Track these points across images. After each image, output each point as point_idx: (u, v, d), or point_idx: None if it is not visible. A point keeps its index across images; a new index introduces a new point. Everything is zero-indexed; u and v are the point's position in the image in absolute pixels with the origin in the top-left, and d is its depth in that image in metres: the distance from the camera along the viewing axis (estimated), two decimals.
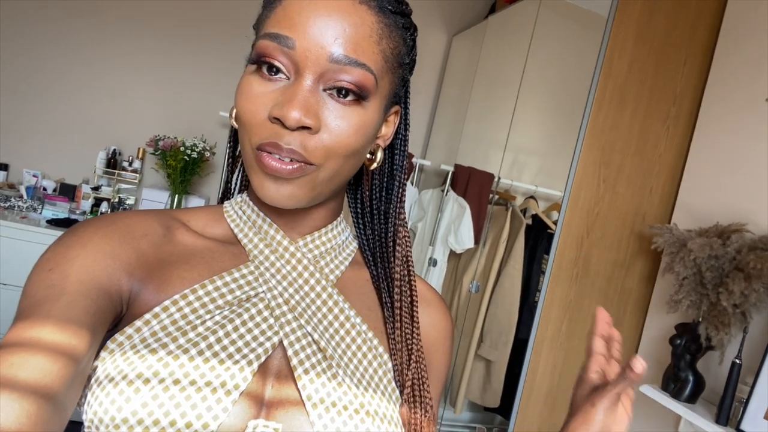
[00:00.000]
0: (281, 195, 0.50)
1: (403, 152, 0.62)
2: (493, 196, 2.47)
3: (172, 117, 2.97)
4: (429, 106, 3.34)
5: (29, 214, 2.69)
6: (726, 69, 1.84)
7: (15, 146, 2.82)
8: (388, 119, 0.58)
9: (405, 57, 0.54)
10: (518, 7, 2.56)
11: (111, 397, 0.44)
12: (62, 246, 0.48)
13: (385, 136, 0.59)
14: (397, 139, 0.62)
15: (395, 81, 0.54)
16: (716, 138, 1.83)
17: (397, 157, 0.62)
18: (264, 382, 0.49)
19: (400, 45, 0.53)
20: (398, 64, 0.53)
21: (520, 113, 2.36)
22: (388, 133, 0.59)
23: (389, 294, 0.61)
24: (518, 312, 2.22)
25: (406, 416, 0.55)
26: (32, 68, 2.79)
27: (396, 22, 0.52)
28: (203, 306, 0.50)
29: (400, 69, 0.54)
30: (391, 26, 0.51)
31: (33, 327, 0.42)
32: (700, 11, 1.92)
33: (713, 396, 1.60)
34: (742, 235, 1.54)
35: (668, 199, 1.99)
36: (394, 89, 0.55)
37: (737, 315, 1.49)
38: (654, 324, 1.93)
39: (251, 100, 0.49)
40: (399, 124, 0.61)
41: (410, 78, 0.59)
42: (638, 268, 2.01)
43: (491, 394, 2.29)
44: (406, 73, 0.57)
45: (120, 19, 2.87)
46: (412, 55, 0.56)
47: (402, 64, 0.54)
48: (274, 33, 0.48)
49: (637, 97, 1.90)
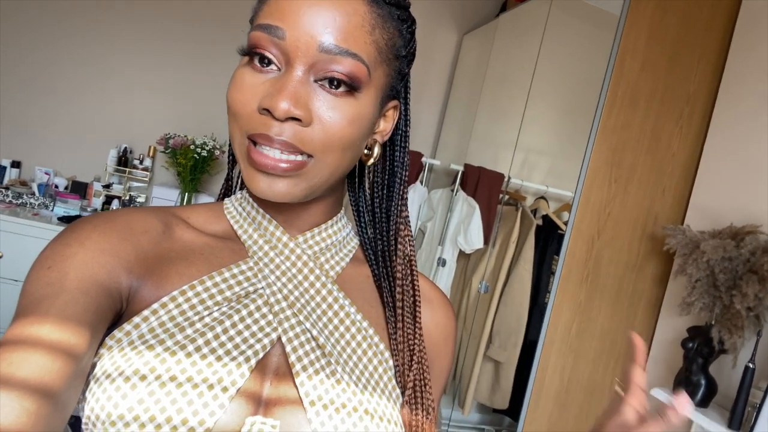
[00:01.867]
0: (272, 191, 0.49)
1: (403, 148, 0.61)
2: (503, 196, 2.45)
3: (183, 115, 2.99)
4: (439, 105, 3.33)
5: (41, 211, 2.71)
6: (741, 68, 1.81)
7: (28, 144, 2.85)
8: (386, 114, 0.57)
9: (401, 49, 0.53)
10: (529, 6, 2.54)
11: (108, 393, 0.43)
12: (61, 243, 0.48)
13: (383, 131, 0.58)
14: (397, 135, 0.61)
15: (390, 73, 0.53)
16: (731, 138, 1.80)
17: (397, 153, 0.61)
18: (262, 379, 0.49)
19: (395, 36, 0.52)
20: (393, 55, 0.52)
21: (531, 112, 2.34)
22: (386, 128, 0.58)
23: (391, 293, 0.60)
24: (528, 313, 2.21)
25: (407, 418, 0.54)
26: (45, 67, 2.82)
27: (391, 12, 0.51)
28: (201, 302, 0.50)
29: (396, 61, 0.53)
30: (385, 17, 0.50)
31: (32, 325, 0.41)
32: (714, 10, 1.89)
33: (726, 401, 1.57)
34: (756, 236, 1.51)
35: (681, 200, 1.96)
36: (390, 82, 0.54)
37: (751, 318, 1.46)
38: (666, 327, 1.90)
39: (242, 90, 0.48)
40: (398, 119, 0.60)
41: (409, 72, 0.58)
42: (650, 269, 1.98)
43: (500, 395, 2.27)
44: (404, 67, 0.56)
45: (132, 18, 2.89)
46: (410, 48, 0.55)
47: (398, 57, 0.53)
48: (265, 24, 0.48)
49: (650, 96, 1.87)
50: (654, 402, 1.66)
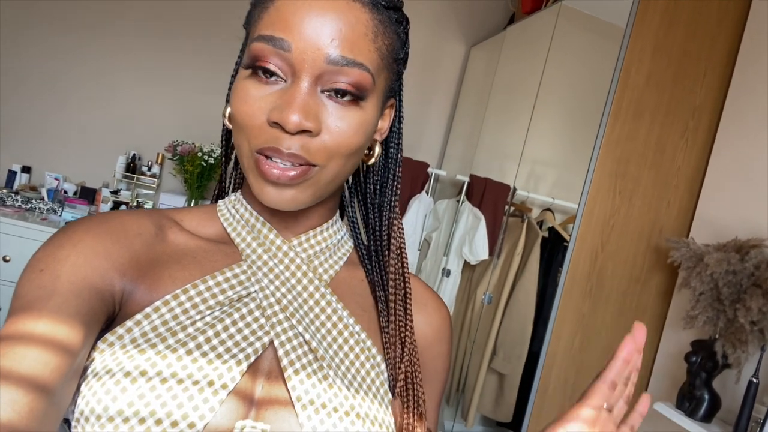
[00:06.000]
0: (282, 199, 0.50)
1: (397, 145, 0.62)
2: (508, 207, 2.45)
3: (191, 123, 3.01)
4: (446, 116, 3.34)
5: (49, 216, 2.74)
6: (747, 82, 1.81)
7: (38, 149, 2.89)
8: (384, 113, 0.58)
9: (399, 52, 0.54)
10: (537, 18, 2.55)
11: (106, 387, 0.43)
12: (53, 246, 0.48)
13: (381, 130, 0.58)
14: (391, 132, 0.61)
15: (391, 77, 0.54)
16: (736, 151, 1.79)
17: (391, 149, 0.62)
18: (254, 382, 0.49)
19: (395, 40, 0.52)
20: (393, 59, 0.53)
21: (537, 124, 2.34)
22: (384, 126, 0.58)
23: (384, 288, 0.60)
24: (533, 325, 2.19)
25: (398, 410, 0.54)
26: (56, 74, 2.86)
27: (390, 17, 0.51)
28: (194, 306, 0.50)
29: (395, 64, 0.54)
30: (386, 22, 0.51)
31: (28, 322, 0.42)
32: (720, 23, 1.89)
33: (729, 416, 1.55)
34: (761, 250, 1.50)
35: (686, 213, 1.95)
36: (389, 85, 0.55)
37: (755, 332, 1.45)
38: (670, 340, 1.89)
39: (248, 103, 0.48)
40: (393, 117, 0.60)
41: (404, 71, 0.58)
42: (654, 282, 1.97)
43: (504, 408, 2.25)
44: (401, 67, 0.56)
45: (142, 27, 2.93)
46: (406, 49, 0.56)
47: (397, 60, 0.54)
48: (268, 35, 0.47)
49: (655, 109, 1.87)
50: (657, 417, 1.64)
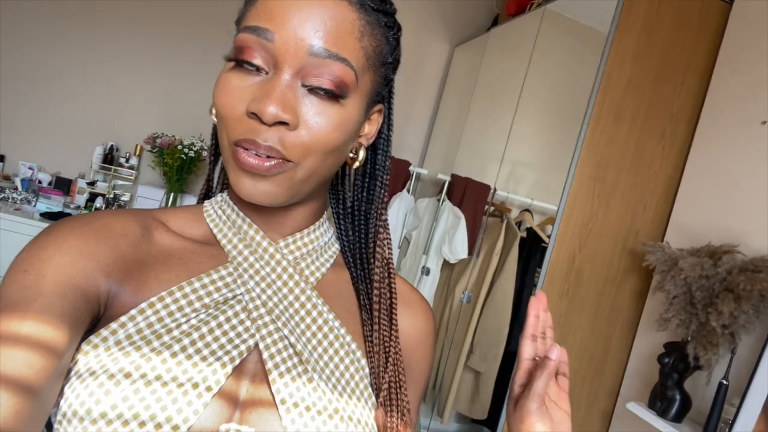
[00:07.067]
0: (258, 191, 0.49)
1: (385, 152, 0.61)
2: (488, 207, 2.47)
3: (171, 115, 2.98)
4: (428, 115, 3.35)
5: (23, 207, 2.68)
6: (723, 91, 1.85)
7: (12, 138, 2.82)
8: (371, 118, 0.57)
9: (388, 56, 0.54)
10: (521, 21, 2.57)
11: (90, 389, 0.43)
12: (37, 246, 0.47)
13: (367, 134, 0.58)
14: (379, 138, 0.61)
15: (377, 80, 0.54)
16: (712, 158, 1.83)
17: (379, 156, 0.61)
18: (239, 385, 0.49)
19: (383, 44, 0.52)
20: (380, 62, 0.53)
21: (518, 126, 2.36)
22: (371, 131, 0.58)
23: (368, 296, 0.60)
24: (510, 325, 2.22)
25: (382, 420, 0.54)
26: (32, 63, 2.80)
27: (378, 20, 0.51)
28: (180, 309, 0.49)
29: (382, 68, 0.54)
30: (374, 24, 0.50)
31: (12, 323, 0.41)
32: (699, 33, 1.93)
33: (699, 416, 1.59)
34: (733, 256, 1.54)
35: (662, 217, 1.99)
36: (376, 88, 0.54)
37: (726, 336, 1.48)
38: (643, 342, 1.93)
39: (229, 93, 0.48)
40: (382, 123, 0.60)
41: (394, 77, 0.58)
42: (629, 285, 2.00)
43: (479, 405, 2.28)
44: (389, 72, 0.56)
45: (120, 17, 2.88)
46: (396, 54, 0.55)
47: (384, 63, 0.54)
48: (252, 26, 0.47)
49: (634, 114, 1.90)
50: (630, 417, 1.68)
